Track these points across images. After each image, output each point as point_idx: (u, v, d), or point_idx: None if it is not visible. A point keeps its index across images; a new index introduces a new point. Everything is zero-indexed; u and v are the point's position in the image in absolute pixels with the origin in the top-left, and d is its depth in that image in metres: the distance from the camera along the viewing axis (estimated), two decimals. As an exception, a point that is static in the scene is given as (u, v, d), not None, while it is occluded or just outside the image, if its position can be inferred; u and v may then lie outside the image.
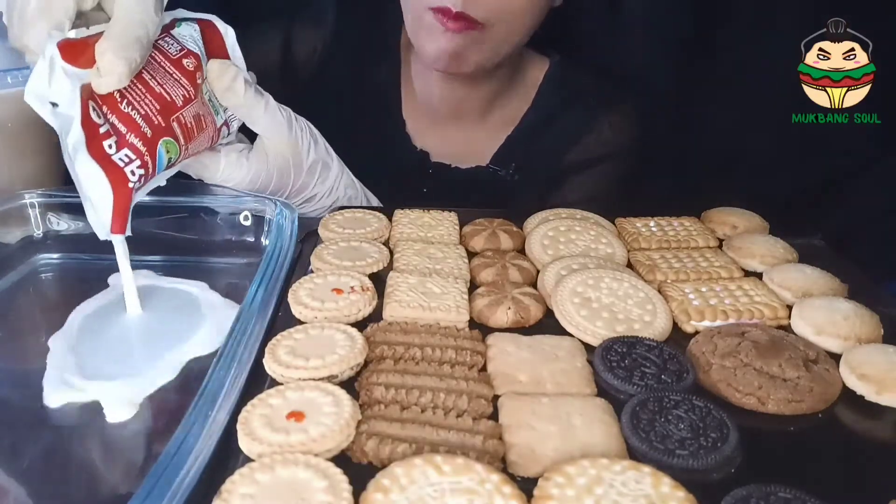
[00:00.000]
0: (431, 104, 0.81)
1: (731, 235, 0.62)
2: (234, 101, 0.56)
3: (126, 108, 0.48)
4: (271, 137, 0.59)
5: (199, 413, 0.37)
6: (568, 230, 0.59)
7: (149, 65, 0.50)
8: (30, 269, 0.59)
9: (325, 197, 0.65)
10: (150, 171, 0.49)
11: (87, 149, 0.46)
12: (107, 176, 0.46)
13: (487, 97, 0.80)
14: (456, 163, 0.82)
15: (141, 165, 0.48)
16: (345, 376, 0.42)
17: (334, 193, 0.66)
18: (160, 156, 0.50)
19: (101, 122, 0.47)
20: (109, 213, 0.47)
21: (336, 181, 0.65)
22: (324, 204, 0.66)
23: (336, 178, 0.65)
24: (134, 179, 0.48)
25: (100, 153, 0.46)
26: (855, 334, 0.47)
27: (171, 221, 0.61)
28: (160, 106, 0.50)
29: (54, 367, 0.45)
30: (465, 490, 0.33)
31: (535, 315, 0.49)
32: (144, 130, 0.49)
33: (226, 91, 0.56)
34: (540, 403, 0.40)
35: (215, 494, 0.33)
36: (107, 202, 0.47)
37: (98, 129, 0.47)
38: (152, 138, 0.49)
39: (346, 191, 0.67)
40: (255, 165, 0.59)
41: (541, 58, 0.82)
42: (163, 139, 0.50)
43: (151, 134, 0.49)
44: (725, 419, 0.39)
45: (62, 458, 0.40)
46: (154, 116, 0.49)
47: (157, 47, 0.51)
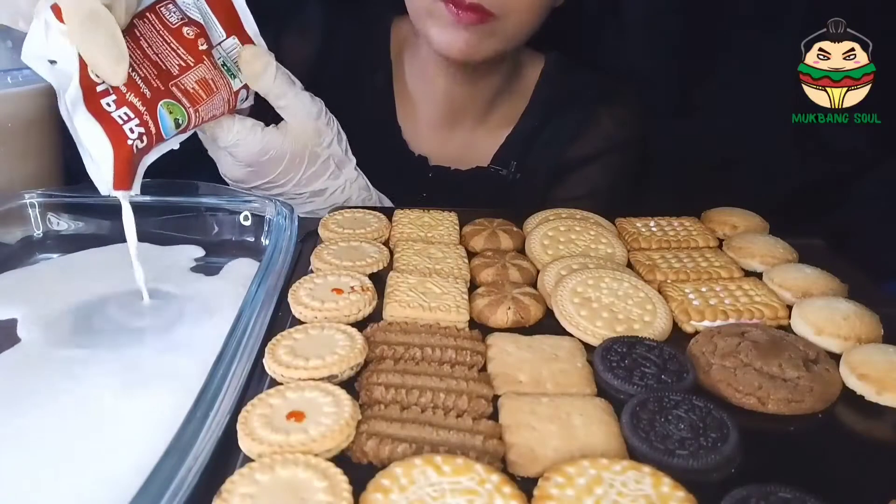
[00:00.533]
0: (431, 106, 0.81)
1: (731, 235, 0.62)
2: (263, 86, 0.58)
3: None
4: (297, 124, 0.60)
5: (199, 413, 0.37)
6: (568, 230, 0.59)
7: (147, 32, 0.51)
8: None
9: (337, 192, 0.66)
10: (151, 131, 0.50)
11: (86, 105, 0.47)
12: (105, 131, 0.47)
13: (487, 96, 0.80)
14: (455, 165, 0.82)
15: (140, 124, 0.49)
16: (345, 376, 0.42)
17: (347, 192, 0.66)
18: (162, 117, 0.50)
19: (100, 80, 0.48)
20: (110, 168, 0.48)
21: (348, 181, 0.66)
22: (336, 200, 0.66)
23: (349, 178, 0.66)
24: (133, 137, 0.48)
25: (98, 109, 0.47)
26: (855, 334, 0.47)
27: (172, 221, 0.61)
28: (157, 72, 0.51)
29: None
30: (465, 490, 0.33)
31: (535, 315, 0.49)
32: (144, 91, 0.50)
33: (257, 78, 0.58)
34: (540, 403, 0.40)
35: (215, 494, 0.33)
36: (107, 157, 0.48)
37: (96, 87, 0.48)
38: (152, 99, 0.50)
39: (361, 192, 0.67)
40: (269, 138, 0.59)
41: (537, 55, 0.82)
42: (163, 101, 0.51)
43: (151, 95, 0.50)
44: (725, 419, 0.39)
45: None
46: (153, 80, 0.50)
47: (158, 14, 0.52)
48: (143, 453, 0.36)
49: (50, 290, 0.54)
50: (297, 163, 0.61)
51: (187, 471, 0.34)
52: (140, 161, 0.50)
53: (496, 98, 0.81)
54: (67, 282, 0.55)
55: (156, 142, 0.51)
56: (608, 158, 0.82)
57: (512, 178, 0.81)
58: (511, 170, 0.81)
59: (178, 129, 0.52)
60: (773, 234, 0.61)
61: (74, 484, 0.37)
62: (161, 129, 0.51)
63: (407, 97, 0.82)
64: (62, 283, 0.55)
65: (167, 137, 0.52)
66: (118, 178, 0.48)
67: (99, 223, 0.59)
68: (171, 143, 0.53)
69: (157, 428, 0.38)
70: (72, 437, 0.40)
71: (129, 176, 0.49)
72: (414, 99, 0.82)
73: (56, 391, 0.44)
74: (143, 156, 0.51)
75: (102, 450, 0.39)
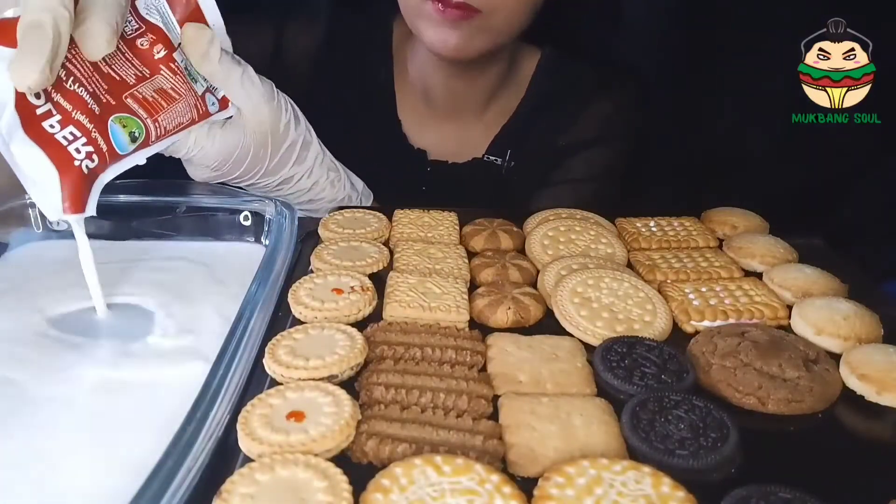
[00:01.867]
0: (430, 100, 0.82)
1: (731, 235, 0.62)
2: (208, 68, 0.54)
3: (73, 86, 0.46)
4: (249, 109, 0.56)
5: (199, 413, 0.37)
6: (568, 230, 0.59)
7: None
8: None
9: (304, 178, 0.63)
10: (101, 148, 0.47)
11: (25, 130, 0.44)
12: (48, 155, 0.45)
13: (485, 91, 0.81)
14: (454, 159, 0.82)
15: (88, 143, 0.46)
16: (345, 376, 0.42)
17: (314, 175, 0.64)
18: (114, 132, 0.48)
19: (42, 102, 0.45)
20: (58, 192, 0.45)
21: (315, 162, 0.63)
22: (303, 186, 0.63)
23: (316, 159, 0.63)
24: (80, 157, 0.46)
25: (39, 133, 0.45)
26: (855, 334, 0.47)
27: (172, 221, 0.61)
28: (108, 86, 0.49)
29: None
30: (465, 490, 0.33)
31: (535, 315, 0.49)
32: (92, 107, 0.47)
33: (201, 58, 0.53)
34: (540, 403, 0.40)
35: (215, 494, 0.33)
36: (52, 181, 0.45)
37: (36, 110, 0.45)
38: (101, 115, 0.47)
39: (329, 173, 0.65)
40: (230, 137, 0.56)
41: (534, 49, 0.83)
42: (115, 115, 0.48)
43: (100, 111, 0.47)
44: (725, 419, 0.39)
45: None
46: (103, 95, 0.48)
47: None
48: (142, 453, 0.36)
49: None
50: (262, 155, 0.58)
51: (187, 471, 0.34)
52: (95, 180, 0.48)
53: (494, 92, 0.82)
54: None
55: (110, 159, 0.48)
56: (605, 143, 0.82)
57: (507, 167, 0.82)
58: (506, 158, 0.82)
59: (134, 142, 0.49)
60: (773, 234, 0.61)
61: (74, 484, 0.37)
62: (114, 146, 0.48)
63: (408, 92, 0.83)
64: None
65: (123, 153, 0.49)
66: (69, 202, 0.46)
67: (99, 223, 0.58)
68: (136, 159, 0.51)
69: (156, 428, 0.38)
70: (71, 436, 0.40)
71: (81, 198, 0.46)
72: (414, 93, 0.83)
73: (53, 384, 0.44)
74: (98, 174, 0.48)
75: (102, 450, 0.39)
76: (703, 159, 0.91)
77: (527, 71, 0.82)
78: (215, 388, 0.39)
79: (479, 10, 0.67)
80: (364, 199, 0.69)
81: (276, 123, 0.58)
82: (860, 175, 0.90)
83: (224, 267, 0.58)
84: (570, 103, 0.82)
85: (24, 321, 0.50)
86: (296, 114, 0.61)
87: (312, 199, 0.65)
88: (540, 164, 0.82)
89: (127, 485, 0.32)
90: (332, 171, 0.65)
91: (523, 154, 0.82)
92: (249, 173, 0.59)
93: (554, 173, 0.82)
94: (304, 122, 0.62)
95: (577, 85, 0.82)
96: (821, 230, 0.64)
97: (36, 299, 0.52)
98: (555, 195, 0.81)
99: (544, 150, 0.82)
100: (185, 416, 0.36)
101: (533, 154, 0.82)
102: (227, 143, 0.56)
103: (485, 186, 0.82)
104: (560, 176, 0.82)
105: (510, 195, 0.82)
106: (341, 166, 0.67)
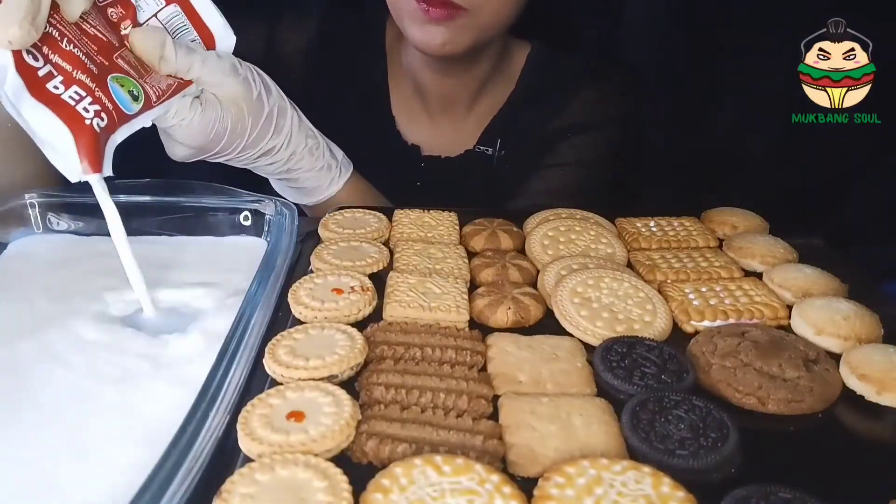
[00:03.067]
0: (422, 96, 0.82)
1: (731, 235, 0.62)
2: (168, 68, 0.53)
3: (68, 47, 0.46)
4: (219, 89, 0.56)
5: (199, 413, 0.37)
6: (568, 230, 0.59)
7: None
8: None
9: (282, 149, 0.62)
10: (107, 107, 0.47)
11: (31, 92, 0.44)
12: (59, 116, 0.45)
13: (475, 85, 0.81)
14: (446, 153, 0.83)
15: (94, 101, 0.46)
16: (345, 376, 0.42)
17: (293, 144, 0.63)
18: (116, 92, 0.47)
19: (41, 64, 0.45)
20: (75, 153, 0.45)
21: (293, 129, 0.62)
22: (281, 157, 0.63)
23: (293, 126, 0.62)
24: (90, 116, 0.45)
25: (46, 95, 0.45)
26: (855, 334, 0.47)
27: (172, 221, 0.61)
28: (97, 47, 0.48)
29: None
30: (465, 490, 0.33)
31: (535, 315, 0.49)
32: (90, 67, 0.46)
33: (159, 62, 0.52)
34: (540, 403, 0.40)
35: (215, 494, 0.33)
36: (68, 141, 0.45)
37: (37, 72, 0.45)
38: (100, 74, 0.47)
39: (307, 140, 0.64)
40: (210, 113, 0.55)
41: (524, 43, 0.83)
42: (112, 75, 0.48)
43: (98, 71, 0.47)
44: (725, 419, 0.39)
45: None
46: (95, 56, 0.47)
47: None
48: (142, 453, 0.36)
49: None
50: (240, 129, 0.58)
51: (187, 471, 0.34)
52: (107, 140, 0.47)
53: (484, 86, 0.82)
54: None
55: (118, 119, 0.48)
56: (593, 129, 0.82)
57: (498, 157, 0.82)
58: (496, 148, 0.82)
59: (136, 101, 0.49)
60: (773, 234, 0.61)
61: (74, 484, 0.37)
62: (118, 104, 0.47)
63: (401, 89, 0.83)
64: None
65: (130, 113, 0.48)
66: (87, 161, 0.45)
67: (99, 223, 0.58)
68: (143, 121, 0.50)
69: (157, 428, 0.38)
70: (71, 436, 0.40)
71: (98, 157, 0.46)
72: (408, 90, 0.83)
73: (54, 389, 0.44)
74: (109, 135, 0.47)
75: (102, 449, 0.39)
76: (703, 159, 0.91)
77: (517, 64, 0.83)
78: (215, 388, 0.39)
79: (465, 9, 0.67)
80: (343, 169, 0.68)
81: (248, 96, 0.57)
82: (860, 175, 0.90)
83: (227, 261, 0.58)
84: (558, 92, 0.82)
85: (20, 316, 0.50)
86: (265, 83, 0.60)
87: (291, 170, 0.64)
88: (530, 152, 0.82)
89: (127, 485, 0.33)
90: (311, 137, 0.65)
91: (513, 143, 0.82)
92: (229, 148, 0.58)
93: (543, 158, 0.82)
94: (276, 90, 0.61)
95: (566, 75, 0.82)
96: (821, 230, 0.64)
97: (33, 295, 0.52)
98: (544, 178, 0.81)
99: (534, 138, 0.82)
100: (184, 416, 0.36)
101: (523, 142, 0.82)
102: (209, 118, 0.55)
103: (477, 178, 0.83)
104: (549, 160, 0.82)
105: (501, 184, 0.82)
106: (319, 134, 0.66)
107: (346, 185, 0.68)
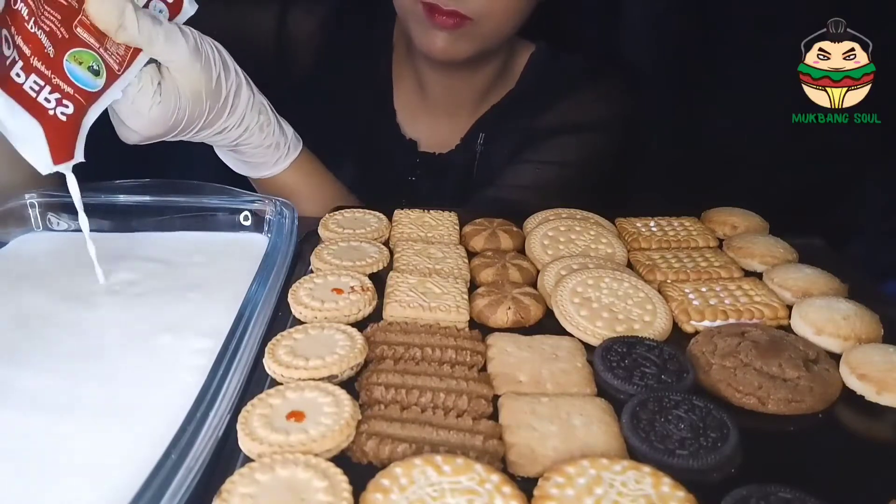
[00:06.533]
0: (425, 95, 0.82)
1: (731, 235, 0.62)
2: (127, 38, 0.49)
3: (33, 28, 0.45)
4: (178, 68, 0.53)
5: (199, 413, 0.37)
6: (568, 230, 0.59)
7: None
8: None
9: (235, 127, 0.60)
10: (67, 92, 0.46)
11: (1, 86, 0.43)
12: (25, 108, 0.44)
13: (480, 87, 0.81)
14: (441, 150, 0.83)
15: (53, 90, 0.45)
16: (345, 376, 0.42)
17: (245, 122, 0.61)
18: (74, 73, 0.46)
19: (10, 51, 0.44)
20: (45, 145, 0.44)
21: (247, 108, 0.61)
22: (233, 135, 0.61)
23: (247, 105, 0.60)
24: (51, 106, 0.45)
25: (11, 86, 0.44)
26: (855, 334, 0.47)
27: (172, 221, 0.61)
28: (60, 15, 0.46)
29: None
30: (465, 490, 0.33)
31: (535, 315, 0.49)
32: (48, 51, 0.45)
33: (117, 30, 0.49)
34: (540, 403, 0.40)
35: (215, 494, 0.33)
36: (38, 135, 0.44)
37: (5, 61, 0.44)
38: (56, 57, 0.46)
39: (259, 116, 0.62)
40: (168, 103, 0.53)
41: (528, 44, 0.83)
42: (70, 52, 0.46)
43: (55, 52, 0.46)
44: (725, 419, 0.39)
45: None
46: (57, 30, 0.46)
47: None
48: (142, 453, 0.36)
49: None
50: (197, 115, 0.56)
51: (187, 471, 0.34)
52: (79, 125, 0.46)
53: (489, 89, 0.82)
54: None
55: (85, 99, 0.46)
56: (587, 132, 0.82)
57: (480, 151, 0.82)
58: (479, 142, 0.82)
59: (98, 77, 0.47)
60: (773, 234, 0.61)
61: (74, 484, 0.37)
62: (80, 86, 0.46)
63: (405, 82, 0.84)
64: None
65: (95, 90, 0.47)
66: (56, 152, 0.45)
67: (99, 223, 0.58)
68: (112, 94, 0.48)
69: (157, 428, 0.38)
70: (71, 436, 0.40)
71: (68, 146, 0.45)
72: (411, 85, 0.83)
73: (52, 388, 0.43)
74: (81, 117, 0.46)
75: (102, 449, 0.39)
76: (702, 159, 0.91)
77: (520, 64, 0.83)
78: (215, 388, 0.39)
79: (470, 18, 0.67)
80: (293, 147, 0.67)
81: (209, 83, 0.55)
82: (860, 175, 0.90)
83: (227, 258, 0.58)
84: (553, 91, 0.82)
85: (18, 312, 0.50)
86: (224, 61, 0.57)
87: (239, 144, 0.63)
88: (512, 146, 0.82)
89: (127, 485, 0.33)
90: (262, 113, 0.63)
91: (496, 136, 0.82)
92: (184, 133, 0.57)
93: (528, 152, 0.82)
94: (233, 65, 0.59)
95: (564, 75, 0.82)
96: (821, 230, 0.64)
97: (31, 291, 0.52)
98: (515, 172, 0.80)
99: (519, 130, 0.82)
100: (185, 415, 0.36)
101: (506, 136, 0.82)
102: (165, 108, 0.53)
103: (457, 171, 0.83)
104: (528, 156, 0.81)
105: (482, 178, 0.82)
106: (271, 109, 0.64)
107: (294, 164, 0.67)
